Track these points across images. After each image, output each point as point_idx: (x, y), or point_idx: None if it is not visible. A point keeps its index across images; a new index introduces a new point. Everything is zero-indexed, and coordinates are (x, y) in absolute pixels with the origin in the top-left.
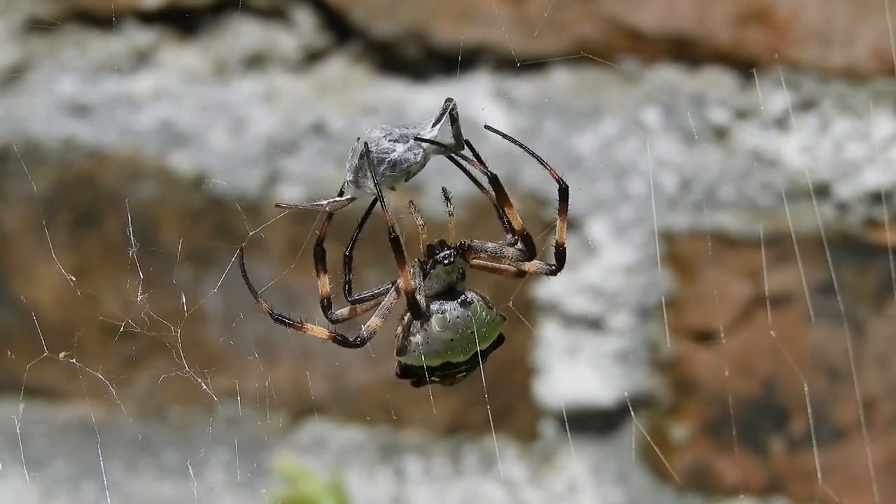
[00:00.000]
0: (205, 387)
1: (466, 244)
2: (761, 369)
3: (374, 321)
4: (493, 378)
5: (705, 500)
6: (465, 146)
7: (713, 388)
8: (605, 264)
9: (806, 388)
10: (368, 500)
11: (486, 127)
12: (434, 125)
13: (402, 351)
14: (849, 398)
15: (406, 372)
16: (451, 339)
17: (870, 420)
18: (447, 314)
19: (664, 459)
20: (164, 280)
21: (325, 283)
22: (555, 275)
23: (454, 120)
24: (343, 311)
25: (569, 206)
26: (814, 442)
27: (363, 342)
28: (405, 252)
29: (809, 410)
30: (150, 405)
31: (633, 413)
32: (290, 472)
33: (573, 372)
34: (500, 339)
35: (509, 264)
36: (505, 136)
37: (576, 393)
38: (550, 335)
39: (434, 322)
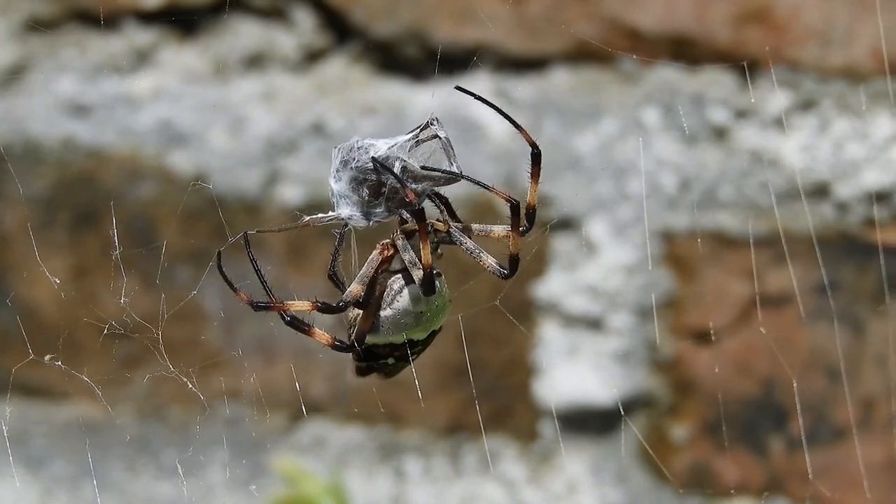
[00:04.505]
0: (191, 386)
1: (442, 219)
2: (760, 369)
3: (354, 287)
4: (493, 378)
5: (705, 500)
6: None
7: (712, 388)
8: (605, 264)
9: (802, 386)
10: (368, 500)
11: (457, 87)
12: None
13: (372, 328)
14: (848, 398)
15: (366, 355)
16: (420, 312)
17: (869, 420)
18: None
19: (663, 459)
20: (162, 278)
21: (322, 335)
22: (523, 236)
23: (446, 146)
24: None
25: (540, 171)
26: (802, 442)
27: (345, 306)
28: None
29: (799, 409)
30: (149, 405)
31: (632, 413)
32: (290, 473)
33: (573, 372)
34: (440, 328)
35: (491, 234)
36: (476, 96)
37: (575, 393)
38: (550, 335)
39: (408, 290)
